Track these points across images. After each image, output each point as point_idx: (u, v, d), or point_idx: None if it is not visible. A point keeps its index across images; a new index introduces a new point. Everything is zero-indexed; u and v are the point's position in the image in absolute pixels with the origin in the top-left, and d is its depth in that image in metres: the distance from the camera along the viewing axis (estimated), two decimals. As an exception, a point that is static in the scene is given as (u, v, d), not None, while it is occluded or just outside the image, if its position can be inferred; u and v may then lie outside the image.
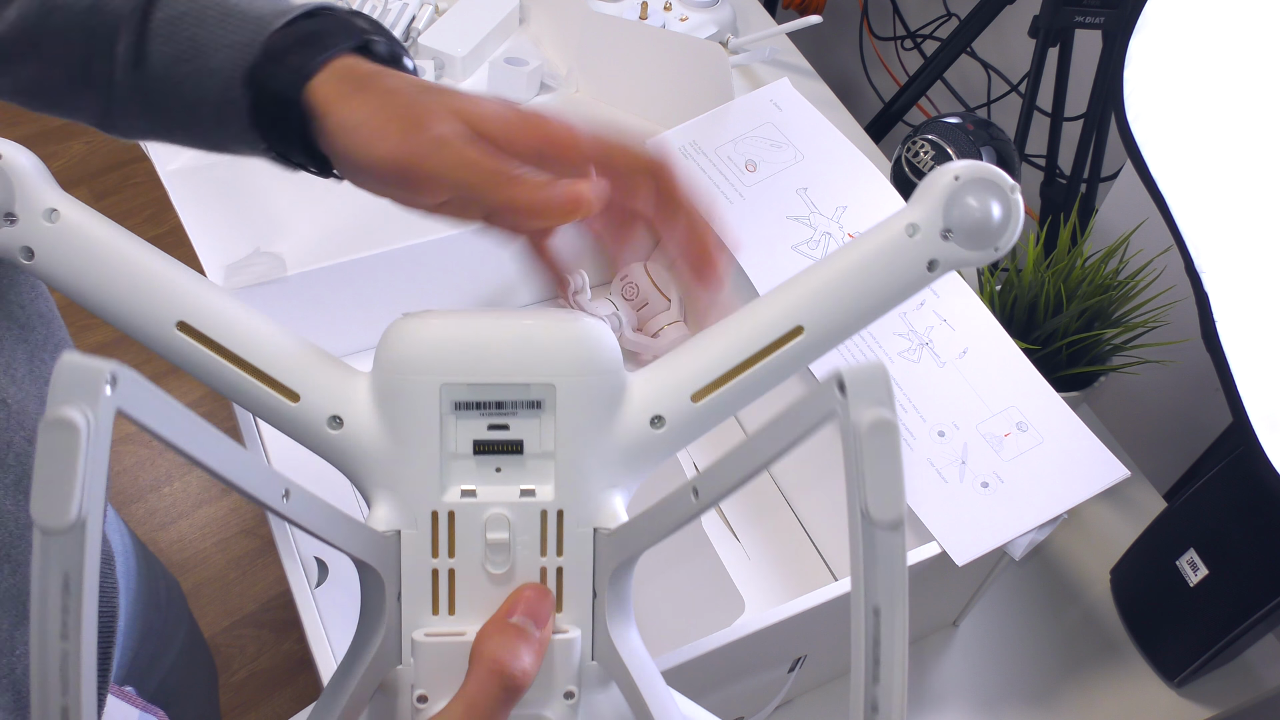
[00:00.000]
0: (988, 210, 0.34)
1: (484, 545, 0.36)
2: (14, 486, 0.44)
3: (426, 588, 0.36)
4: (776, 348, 0.36)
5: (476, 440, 0.36)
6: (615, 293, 0.88)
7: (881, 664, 0.24)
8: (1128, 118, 0.71)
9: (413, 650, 0.35)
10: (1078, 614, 0.77)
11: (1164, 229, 0.68)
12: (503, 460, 0.37)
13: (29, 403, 0.46)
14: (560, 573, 0.36)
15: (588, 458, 0.37)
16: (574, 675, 0.35)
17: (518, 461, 0.37)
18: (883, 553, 0.24)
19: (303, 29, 0.43)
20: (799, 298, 0.36)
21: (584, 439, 0.37)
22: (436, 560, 0.36)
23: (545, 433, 0.36)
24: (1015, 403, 0.65)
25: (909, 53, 1.71)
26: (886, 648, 0.24)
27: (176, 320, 0.35)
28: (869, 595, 0.24)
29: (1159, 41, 0.72)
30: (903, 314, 0.70)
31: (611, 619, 0.36)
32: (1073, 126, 1.24)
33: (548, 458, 0.36)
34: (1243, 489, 0.68)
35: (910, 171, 0.83)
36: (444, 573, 0.36)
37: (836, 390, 0.25)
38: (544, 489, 0.36)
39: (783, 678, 0.65)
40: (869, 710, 0.23)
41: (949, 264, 0.35)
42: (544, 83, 1.06)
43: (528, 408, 0.36)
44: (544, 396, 0.36)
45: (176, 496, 1.65)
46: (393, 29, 1.05)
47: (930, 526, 0.60)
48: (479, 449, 0.36)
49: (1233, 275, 0.63)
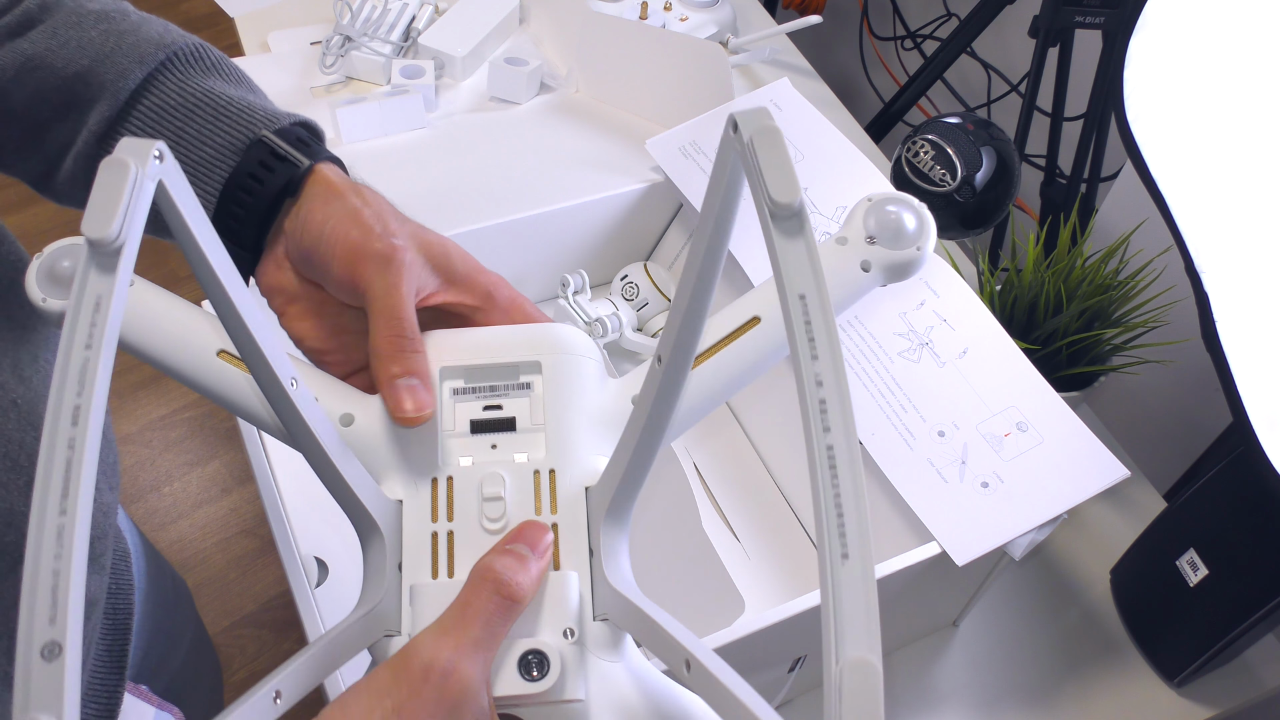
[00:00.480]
0: (900, 217, 0.42)
1: (480, 503, 0.38)
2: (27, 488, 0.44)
3: (426, 552, 0.38)
4: (738, 334, 0.41)
5: (473, 420, 0.40)
6: (615, 293, 0.88)
7: (817, 341, 0.25)
8: (1128, 118, 0.71)
9: (411, 598, 0.36)
10: (1078, 614, 0.77)
11: (1164, 229, 0.68)
12: (497, 437, 0.40)
13: (39, 404, 0.46)
14: (555, 529, 0.38)
15: (575, 427, 0.40)
16: (574, 614, 0.36)
17: (511, 437, 0.40)
18: (793, 241, 0.26)
19: (291, 134, 0.46)
20: (759, 294, 0.41)
21: (571, 410, 0.40)
22: (436, 524, 0.38)
23: (535, 409, 0.40)
24: (1015, 403, 0.65)
25: (909, 53, 1.71)
26: (819, 325, 0.25)
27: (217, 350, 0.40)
28: (790, 284, 0.25)
29: (1159, 41, 0.72)
30: (903, 314, 0.70)
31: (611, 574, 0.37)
32: (1073, 126, 1.24)
33: (538, 430, 0.40)
34: (1243, 489, 0.68)
35: (910, 171, 0.83)
36: (443, 535, 0.38)
37: (732, 131, 0.27)
38: (536, 454, 0.39)
39: (783, 678, 0.65)
40: (814, 386, 0.25)
41: (880, 262, 0.42)
42: (544, 83, 1.06)
43: (518, 389, 0.41)
44: (532, 379, 0.41)
45: (176, 496, 1.65)
46: (392, 29, 1.05)
47: (930, 526, 0.60)
48: (476, 428, 0.40)
49: (1233, 275, 0.63)
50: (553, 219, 0.82)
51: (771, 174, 0.25)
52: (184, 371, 0.40)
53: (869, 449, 0.64)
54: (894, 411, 0.65)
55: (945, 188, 0.81)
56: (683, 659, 0.33)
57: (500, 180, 0.96)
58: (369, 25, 1.04)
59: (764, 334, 0.41)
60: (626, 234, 0.88)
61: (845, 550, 0.24)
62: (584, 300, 0.85)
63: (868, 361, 0.68)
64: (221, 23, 1.25)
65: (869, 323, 0.70)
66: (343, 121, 0.97)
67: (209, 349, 0.40)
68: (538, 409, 0.40)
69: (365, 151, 0.98)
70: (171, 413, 1.76)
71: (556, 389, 0.41)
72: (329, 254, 0.43)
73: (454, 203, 0.93)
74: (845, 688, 0.24)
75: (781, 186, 0.25)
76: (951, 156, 0.81)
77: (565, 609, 0.36)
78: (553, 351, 0.41)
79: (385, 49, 1.04)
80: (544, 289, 0.88)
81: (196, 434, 1.73)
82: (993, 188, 0.82)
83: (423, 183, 0.95)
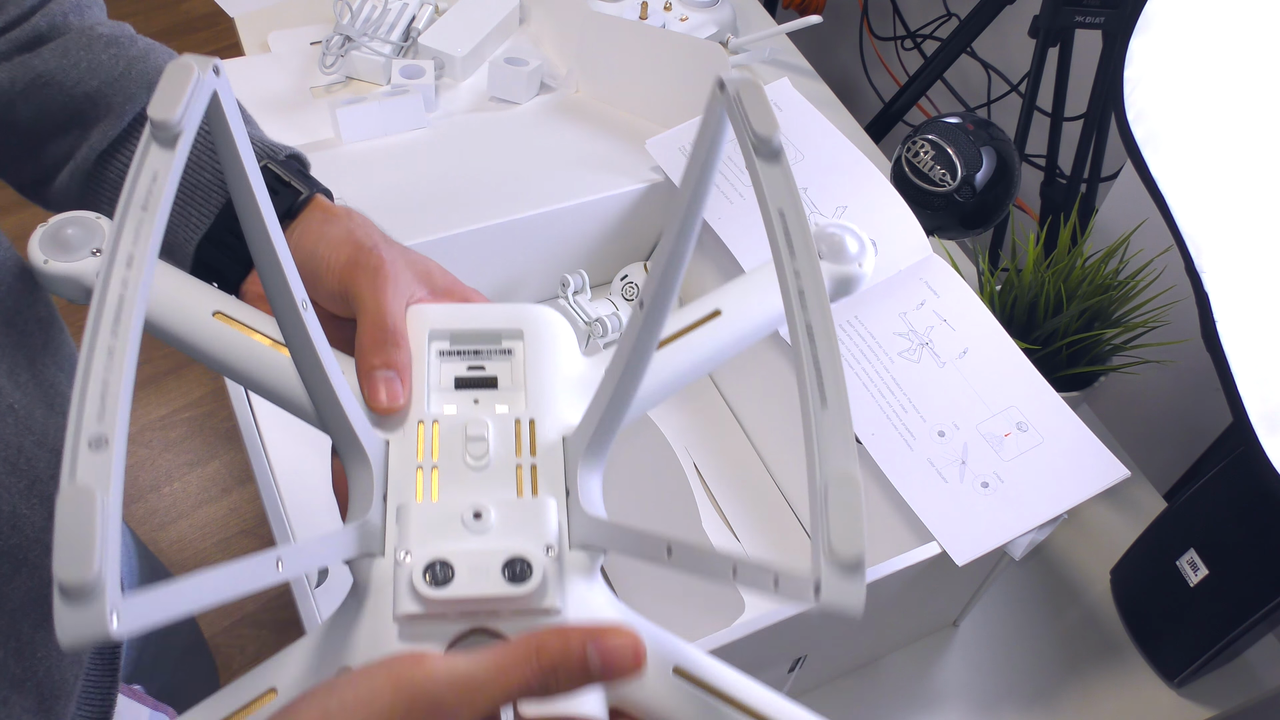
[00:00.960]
0: (842, 238, 0.48)
1: (465, 443, 0.40)
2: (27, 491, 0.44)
3: (411, 483, 0.39)
4: (700, 324, 0.45)
5: (458, 377, 0.43)
6: (615, 293, 0.88)
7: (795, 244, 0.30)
8: (1128, 118, 0.71)
9: (396, 517, 0.38)
10: (1078, 614, 0.77)
11: (1164, 229, 0.68)
12: (480, 393, 0.43)
13: (35, 408, 0.46)
14: (535, 470, 0.40)
15: (554, 388, 0.43)
16: (553, 535, 0.38)
17: (493, 394, 0.43)
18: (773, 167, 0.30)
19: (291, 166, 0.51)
20: (722, 292, 0.46)
21: (549, 374, 0.43)
22: (421, 460, 0.40)
23: (516, 371, 0.43)
24: (1015, 403, 0.65)
25: (909, 53, 1.71)
26: (796, 231, 0.30)
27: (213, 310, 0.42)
28: (772, 202, 0.30)
29: (1159, 41, 0.72)
30: (903, 314, 0.70)
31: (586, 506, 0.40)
32: (1073, 126, 1.24)
33: (519, 388, 0.43)
34: (1243, 489, 0.68)
35: (910, 171, 0.83)
36: (428, 470, 0.40)
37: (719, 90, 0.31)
38: (516, 408, 0.42)
39: (783, 678, 0.65)
40: (793, 277, 0.30)
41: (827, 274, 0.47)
42: (544, 83, 1.06)
43: (500, 354, 0.44)
44: (514, 345, 0.44)
45: (176, 496, 1.65)
46: (392, 29, 1.05)
47: (930, 526, 0.60)
48: (460, 384, 0.43)
49: (1233, 275, 0.63)
50: (553, 219, 0.82)
51: (754, 115, 0.30)
52: (180, 332, 0.42)
53: (869, 449, 0.64)
54: (894, 411, 0.65)
55: (945, 188, 0.81)
56: (664, 547, 0.34)
57: (500, 180, 0.96)
58: (369, 25, 1.04)
59: (723, 325, 0.45)
60: (626, 234, 0.88)
61: (824, 400, 0.28)
62: (584, 300, 0.85)
63: (868, 361, 0.68)
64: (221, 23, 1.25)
65: (869, 323, 0.70)
66: (343, 121, 0.97)
67: (205, 310, 0.42)
68: (518, 371, 0.43)
69: (365, 151, 0.98)
70: (171, 413, 1.76)
71: (536, 355, 0.44)
72: (323, 267, 0.46)
73: (454, 203, 0.93)
74: (831, 497, 0.27)
75: (763, 124, 0.30)
76: (951, 156, 0.81)
77: (545, 529, 0.38)
78: (534, 323, 0.44)
79: (385, 49, 1.04)
80: (544, 289, 0.88)
81: (196, 434, 1.73)
82: (993, 188, 0.82)
83: (423, 183, 0.95)
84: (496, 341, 0.44)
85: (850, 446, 0.28)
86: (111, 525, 0.26)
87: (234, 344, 0.42)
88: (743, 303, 0.46)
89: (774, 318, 0.47)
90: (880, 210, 0.75)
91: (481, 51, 1.08)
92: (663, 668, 0.37)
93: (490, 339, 0.44)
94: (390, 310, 0.43)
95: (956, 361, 0.67)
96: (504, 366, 0.43)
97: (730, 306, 0.45)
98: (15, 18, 0.49)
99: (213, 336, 0.42)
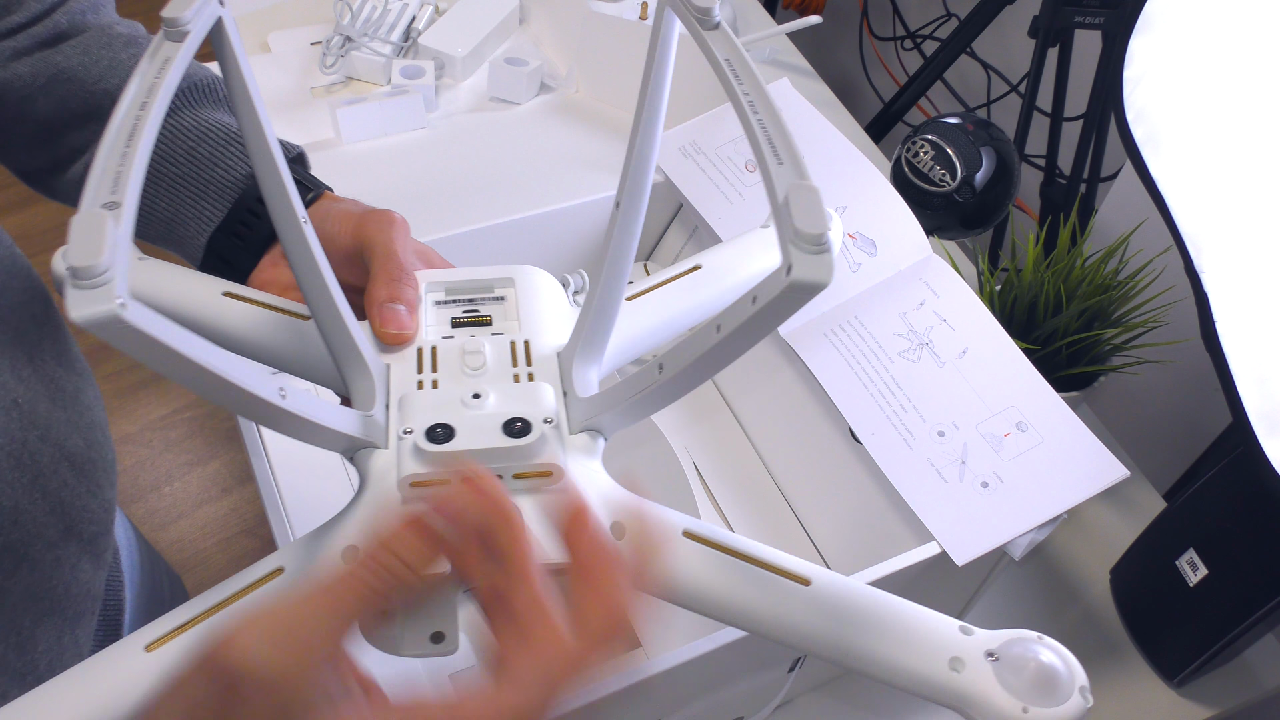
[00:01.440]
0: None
1: (462, 357, 0.42)
2: (29, 486, 0.44)
3: (413, 386, 0.41)
4: (682, 276, 0.49)
5: (453, 317, 0.45)
6: (615, 293, 0.88)
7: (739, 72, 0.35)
8: (1127, 118, 0.71)
9: (399, 406, 0.39)
10: (1078, 614, 0.77)
11: (1164, 229, 0.68)
12: (475, 330, 0.45)
13: (39, 402, 0.46)
14: (531, 377, 0.42)
15: (545, 321, 0.45)
16: (552, 410, 0.39)
17: (487, 329, 0.45)
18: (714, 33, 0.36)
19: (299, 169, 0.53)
20: (702, 253, 0.51)
21: (540, 312, 0.46)
22: (421, 374, 0.42)
23: (509, 312, 0.46)
24: (1015, 403, 0.65)
25: (909, 53, 1.72)
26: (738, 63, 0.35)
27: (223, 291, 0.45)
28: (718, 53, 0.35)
29: (1159, 41, 0.72)
30: (903, 314, 0.70)
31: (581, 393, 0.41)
32: (1073, 126, 1.24)
33: (512, 320, 0.45)
34: (1243, 489, 0.68)
35: (910, 171, 0.83)
36: (428, 383, 0.42)
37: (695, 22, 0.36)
38: (511, 333, 0.45)
39: (783, 678, 0.65)
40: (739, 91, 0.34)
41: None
42: (544, 83, 1.06)
43: (493, 300, 0.46)
44: (505, 292, 0.47)
45: (176, 496, 1.65)
46: (392, 29, 1.05)
47: (930, 526, 0.60)
48: (456, 323, 0.45)
49: (1233, 275, 0.63)
50: (553, 219, 0.82)
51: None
52: (191, 312, 0.44)
53: (869, 449, 0.64)
54: (894, 411, 0.66)
55: (945, 188, 0.81)
56: (655, 367, 0.36)
57: (500, 180, 0.96)
58: (369, 25, 1.04)
59: (703, 278, 0.49)
60: (626, 234, 0.88)
61: (779, 159, 0.31)
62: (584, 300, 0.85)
63: (867, 361, 0.68)
64: (221, 23, 1.25)
65: (869, 323, 0.70)
66: (343, 122, 0.97)
67: (215, 291, 0.45)
68: (511, 310, 0.46)
69: (365, 151, 0.98)
70: (172, 413, 1.76)
71: (528, 298, 0.46)
72: (335, 230, 0.48)
73: (454, 203, 0.93)
74: (792, 198, 0.29)
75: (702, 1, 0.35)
76: (951, 156, 0.81)
77: (543, 406, 0.39)
78: (523, 274, 0.47)
79: (385, 49, 1.04)
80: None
81: (196, 434, 1.73)
82: (992, 188, 0.82)
83: (423, 183, 0.95)
84: (489, 290, 0.47)
85: (804, 176, 0.30)
86: (123, 245, 0.27)
87: (244, 315, 0.45)
88: (721, 257, 0.51)
89: (753, 273, 0.50)
90: (880, 210, 0.75)
91: (481, 52, 1.08)
92: (674, 533, 0.39)
93: (483, 288, 0.47)
94: (400, 251, 0.46)
95: (956, 361, 0.67)
96: (497, 308, 0.46)
97: (710, 262, 0.50)
98: (37, 14, 0.51)
99: (223, 311, 0.45)
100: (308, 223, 0.39)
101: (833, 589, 0.38)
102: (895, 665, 0.38)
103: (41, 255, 1.91)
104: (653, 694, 0.54)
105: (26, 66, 0.50)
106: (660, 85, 0.39)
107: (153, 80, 0.33)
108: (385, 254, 0.45)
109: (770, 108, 0.33)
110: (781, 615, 0.38)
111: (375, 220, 0.47)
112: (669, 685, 0.54)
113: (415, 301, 0.45)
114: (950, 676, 0.37)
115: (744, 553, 0.39)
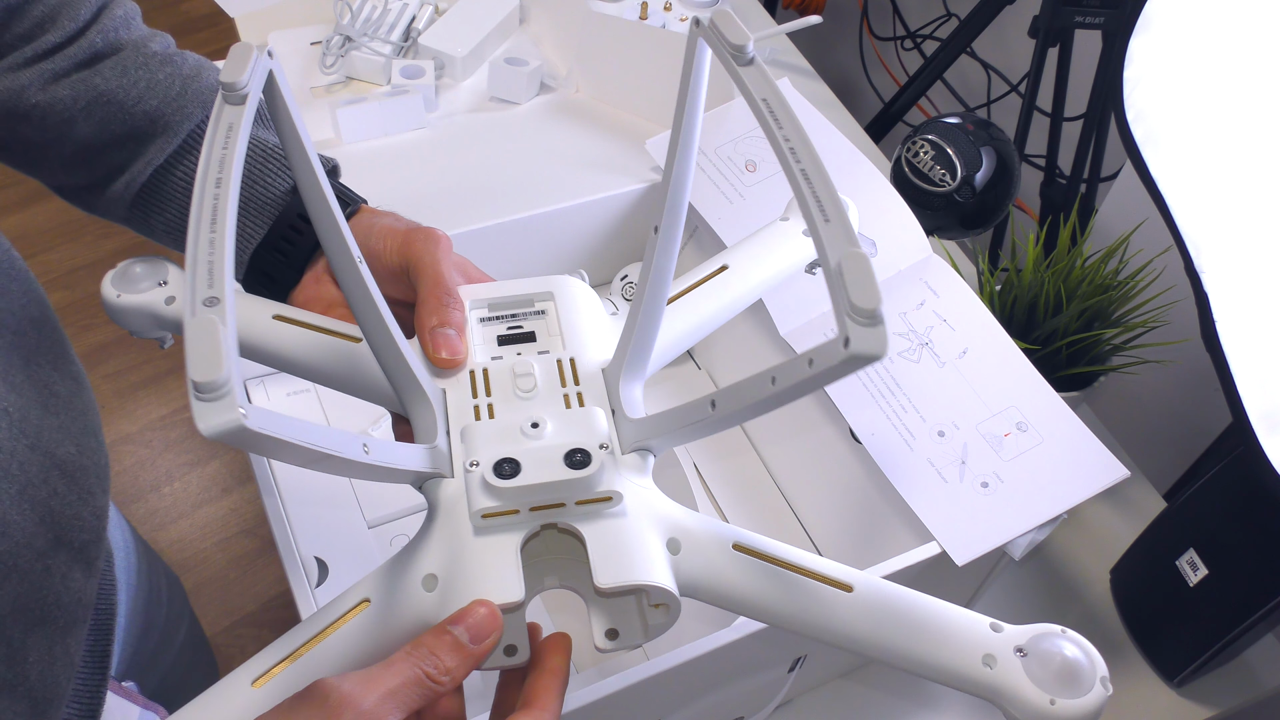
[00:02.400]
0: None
1: (513, 379, 0.45)
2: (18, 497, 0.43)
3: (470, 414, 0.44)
4: (711, 277, 0.52)
5: (499, 335, 0.48)
6: (615, 293, 0.88)
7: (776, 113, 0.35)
8: (1127, 118, 0.71)
9: (462, 437, 0.42)
10: (1078, 614, 0.77)
11: (1164, 229, 0.68)
12: (521, 347, 0.47)
13: (30, 410, 0.45)
14: (580, 396, 0.45)
15: (587, 334, 0.48)
16: (605, 435, 0.41)
17: (532, 346, 0.47)
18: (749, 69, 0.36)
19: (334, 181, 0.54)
20: (726, 253, 0.53)
21: (581, 324, 0.48)
22: (476, 399, 0.44)
23: (551, 326, 0.48)
24: (1015, 403, 0.65)
25: (909, 53, 1.72)
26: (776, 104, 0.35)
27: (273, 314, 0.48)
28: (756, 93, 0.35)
29: (1159, 41, 0.72)
30: (903, 314, 0.70)
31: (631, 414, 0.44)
32: (1073, 126, 1.24)
33: (555, 336, 0.48)
34: (1243, 489, 0.68)
35: (910, 171, 0.83)
36: (484, 405, 0.44)
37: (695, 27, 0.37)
38: (556, 350, 0.47)
39: (783, 678, 0.65)
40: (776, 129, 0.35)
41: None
42: (544, 83, 1.06)
43: (535, 315, 0.49)
44: (546, 305, 0.49)
45: (177, 496, 1.65)
46: (392, 29, 1.05)
47: (930, 526, 0.60)
48: (502, 341, 0.48)
49: (1233, 275, 0.63)
50: (553, 219, 0.82)
51: (729, 31, 0.36)
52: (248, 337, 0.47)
53: (869, 449, 0.64)
54: (894, 411, 0.66)
55: (945, 188, 0.81)
56: (707, 404, 0.38)
57: (500, 180, 0.96)
58: (369, 25, 1.04)
59: (731, 277, 0.52)
60: (626, 234, 0.88)
61: (825, 216, 0.32)
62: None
63: (868, 361, 0.68)
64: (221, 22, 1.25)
65: (869, 323, 0.70)
66: (343, 122, 0.97)
67: (266, 314, 0.48)
68: (553, 325, 0.48)
69: (365, 151, 0.98)
70: (172, 413, 1.76)
71: (568, 310, 0.49)
72: (380, 248, 0.50)
73: (454, 203, 0.93)
74: (845, 269, 0.29)
75: (736, 35, 0.36)
76: (951, 156, 0.81)
77: (597, 431, 0.42)
78: (561, 287, 0.50)
79: (385, 49, 1.04)
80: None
81: (196, 434, 1.73)
82: (992, 188, 0.82)
83: (423, 183, 0.95)
84: (530, 305, 0.49)
85: (854, 241, 0.31)
86: (231, 351, 0.29)
87: (297, 339, 0.47)
88: (744, 264, 0.53)
89: (780, 270, 0.53)
90: (880, 210, 0.75)
91: (481, 51, 1.08)
92: (723, 546, 0.42)
93: (524, 303, 0.49)
94: (447, 273, 0.48)
95: (956, 361, 0.67)
96: (540, 324, 0.48)
97: (736, 261, 0.52)
98: (72, 34, 0.51)
99: (276, 335, 0.47)
100: (363, 262, 0.41)
101: (874, 594, 0.41)
102: (935, 664, 0.40)
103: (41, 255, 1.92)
104: (653, 694, 0.54)
105: (66, 89, 0.51)
106: (694, 114, 0.39)
107: (221, 152, 0.34)
108: (433, 277, 0.47)
109: (812, 154, 0.34)
110: (828, 621, 0.40)
111: (421, 240, 0.49)
112: (669, 685, 0.54)
113: (463, 323, 0.47)
114: (985, 673, 0.40)
115: (790, 562, 0.41)
